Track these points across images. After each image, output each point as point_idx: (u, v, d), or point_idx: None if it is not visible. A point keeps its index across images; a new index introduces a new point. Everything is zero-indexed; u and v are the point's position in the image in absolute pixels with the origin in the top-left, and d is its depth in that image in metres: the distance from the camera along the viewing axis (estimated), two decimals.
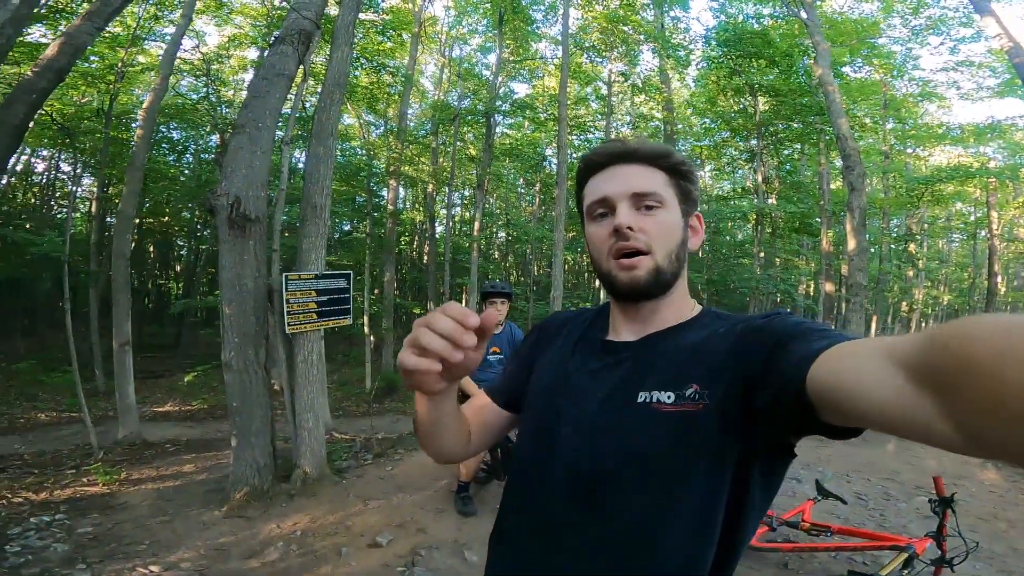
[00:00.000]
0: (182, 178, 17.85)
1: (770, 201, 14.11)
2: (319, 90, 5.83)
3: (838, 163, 11.41)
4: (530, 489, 0.84)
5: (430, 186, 15.20)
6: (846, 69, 13.08)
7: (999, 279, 17.21)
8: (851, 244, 9.08)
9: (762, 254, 15.23)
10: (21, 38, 9.55)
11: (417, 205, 20.35)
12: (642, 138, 0.91)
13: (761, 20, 12.70)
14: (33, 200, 18.69)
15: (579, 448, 0.79)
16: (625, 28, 12.38)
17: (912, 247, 16.53)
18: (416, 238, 22.44)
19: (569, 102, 12.00)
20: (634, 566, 0.73)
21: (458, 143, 13.78)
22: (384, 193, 15.19)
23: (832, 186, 13.69)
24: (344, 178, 14.10)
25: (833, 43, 11.60)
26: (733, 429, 0.71)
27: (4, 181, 15.88)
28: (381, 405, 10.30)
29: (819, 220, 13.32)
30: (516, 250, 22.34)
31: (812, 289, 19.61)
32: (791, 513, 3.53)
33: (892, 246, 15.58)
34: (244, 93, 14.10)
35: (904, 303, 19.05)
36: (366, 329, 12.53)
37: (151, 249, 22.18)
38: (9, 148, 5.24)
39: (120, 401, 6.66)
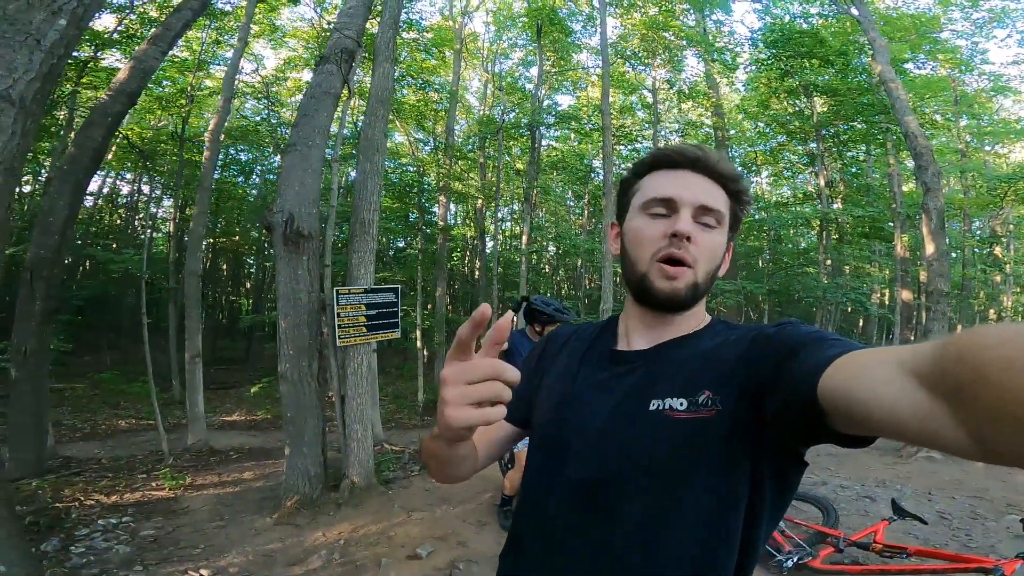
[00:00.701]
0: (249, 198, 19.00)
1: (835, 206, 13.37)
2: (365, 108, 6.08)
3: (909, 163, 10.69)
4: (539, 499, 0.84)
5: (479, 201, 15.39)
6: (908, 66, 12.32)
7: None
8: (929, 248, 8.43)
9: (828, 262, 14.42)
10: (97, 63, 10.54)
11: (468, 220, 20.67)
12: (722, 154, 0.90)
13: (809, 19, 12.20)
14: (118, 221, 20.33)
15: (588, 456, 0.79)
16: (666, 34, 12.16)
17: (998, 250, 15.17)
18: (467, 253, 22.78)
19: (613, 112, 11.89)
20: (642, 572, 0.73)
21: (505, 157, 13.90)
22: (435, 209, 15.53)
23: (905, 188, 12.81)
24: (396, 195, 14.53)
25: (890, 39, 10.97)
26: (745, 436, 0.71)
27: (91, 203, 17.47)
28: (432, 418, 10.43)
29: (891, 224, 12.49)
30: (566, 263, 22.21)
31: (888, 297, 18.34)
32: (862, 534, 3.27)
33: (976, 249, 14.37)
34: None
35: (991, 310, 17.48)
36: (419, 343, 12.77)
37: (224, 267, 23.63)
38: (89, 170, 5.75)
39: (190, 410, 7.08)
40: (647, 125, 14.64)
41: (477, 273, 18.61)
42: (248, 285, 25.63)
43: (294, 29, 13.70)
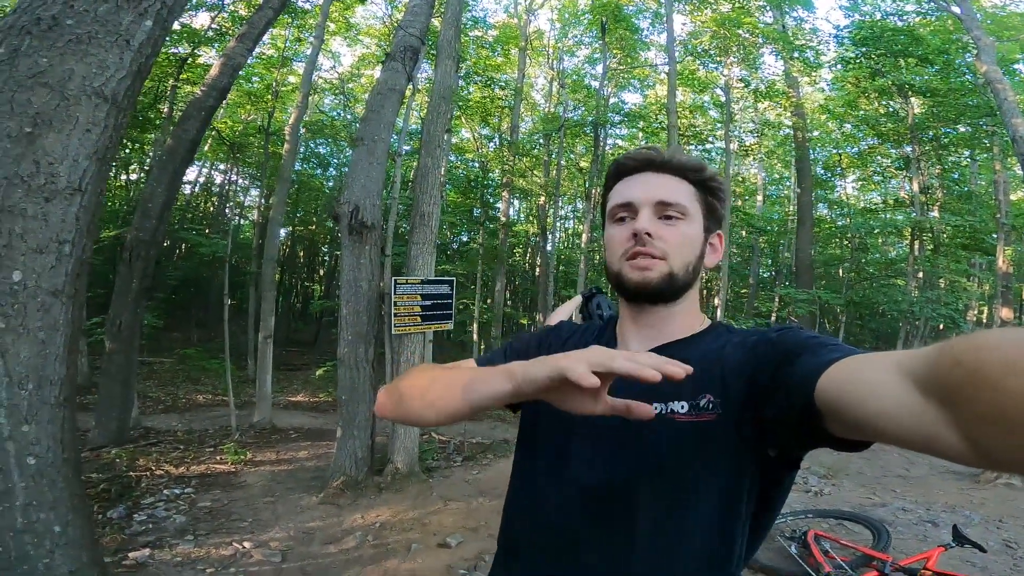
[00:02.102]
0: (326, 190, 20.01)
1: (932, 214, 12.26)
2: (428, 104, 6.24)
3: (1018, 170, 9.61)
4: (543, 502, 0.83)
5: (542, 198, 15.39)
6: (1019, 67, 11.09)
7: None
8: None
9: (920, 274, 13.27)
10: (195, 59, 11.40)
11: (531, 217, 20.72)
12: (678, 148, 0.90)
13: (904, 16, 11.19)
14: (211, 208, 22.00)
15: (594, 461, 0.79)
16: (740, 31, 11.56)
17: None
18: (529, 250, 22.84)
19: (684, 111, 11.48)
20: None
21: (569, 155, 13.80)
22: (499, 205, 15.68)
23: (1013, 196, 11.56)
24: (461, 190, 14.81)
25: (998, 38, 9.91)
26: (745, 440, 0.71)
27: (188, 191, 19.01)
28: (481, 412, 10.60)
29: (995, 235, 11.29)
30: None
31: (986, 315, 16.63)
32: (913, 559, 3.00)
33: None
34: None
35: None
36: (475, 336, 12.97)
37: (301, 254, 25.04)
38: (186, 160, 6.29)
39: (259, 389, 7.59)
40: (719, 125, 14.02)
41: (538, 270, 18.63)
42: (321, 272, 27.00)
43: (368, 27, 14.23)
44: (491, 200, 15.49)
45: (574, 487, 0.79)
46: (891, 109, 11.78)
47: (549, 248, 15.10)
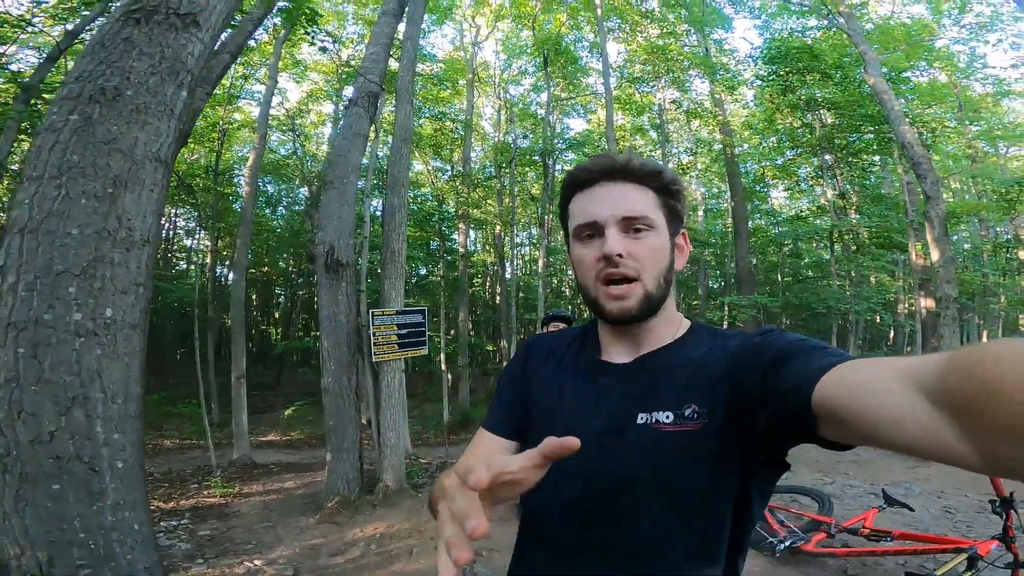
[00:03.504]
0: (278, 229, 19.89)
1: (852, 218, 13.44)
2: (390, 141, 6.66)
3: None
4: (542, 516, 0.83)
5: (497, 227, 15.88)
6: (909, 74, 12.48)
7: None
8: (935, 255, 8.61)
9: (852, 273, 14.43)
10: None
11: (487, 247, 21.20)
12: (632, 153, 0.86)
13: (807, 33, 12.42)
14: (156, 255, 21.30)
15: (583, 473, 0.78)
16: (668, 56, 12.61)
17: (1023, 254, 15.01)
18: (487, 279, 23.27)
19: (625, 133, 12.31)
20: None
21: (522, 182, 14.41)
22: (455, 236, 16.05)
23: (921, 197, 12.89)
24: (417, 224, 15.10)
25: (887, 49, 11.14)
26: (733, 446, 0.71)
27: None
28: (457, 436, 10.81)
29: (907, 234, 12.53)
30: None
31: (912, 306, 18.12)
32: (853, 520, 3.51)
33: (997, 254, 14.25)
34: (325, 147, 15.72)
35: (1022, 316, 17.12)
36: (443, 366, 13.21)
37: (253, 296, 24.56)
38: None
39: (235, 427, 7.63)
40: (657, 145, 15.04)
41: (498, 298, 19.05)
42: (276, 314, 26.50)
43: (315, 63, 14.40)
44: (447, 232, 15.89)
45: (566, 499, 0.79)
46: (806, 122, 12.99)
47: (508, 276, 15.53)
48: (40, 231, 2.03)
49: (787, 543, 3.39)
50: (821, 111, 11.77)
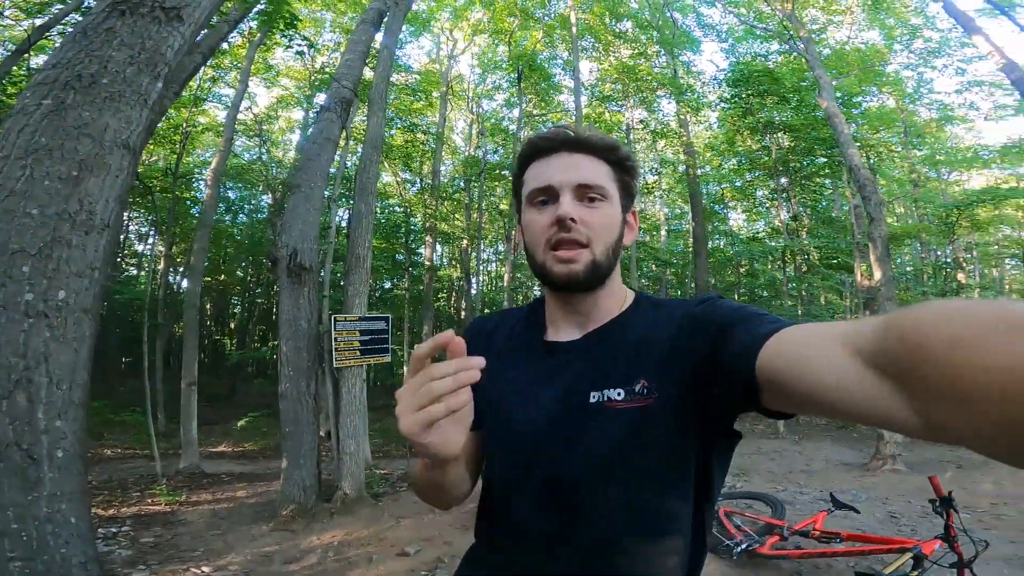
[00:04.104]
0: (237, 237, 19.32)
1: (805, 239, 14.04)
2: (359, 149, 6.63)
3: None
4: (506, 501, 0.82)
5: (465, 242, 15.88)
6: (860, 99, 13.18)
7: None
8: (877, 275, 9.07)
9: (804, 292, 14.99)
10: None
11: (454, 262, 21.17)
12: (592, 127, 0.87)
13: (769, 57, 13.01)
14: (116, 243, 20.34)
15: (544, 454, 0.77)
16: (638, 76, 13.00)
17: (962, 276, 15.99)
18: (453, 294, 23.16)
19: None
20: (611, 570, 0.72)
21: (491, 196, 14.49)
22: (422, 250, 15.93)
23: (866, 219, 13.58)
24: (384, 235, 14.89)
25: (841, 73, 11.73)
26: (686, 420, 0.71)
27: None
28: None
29: (852, 255, 13.18)
30: None
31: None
32: (804, 523, 3.64)
33: (937, 276, 15.14)
34: (292, 153, 15.44)
35: None
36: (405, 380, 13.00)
37: (208, 306, 23.65)
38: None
39: (184, 435, 7.30)
40: None
41: (463, 313, 18.96)
42: (232, 325, 25.59)
43: (287, 68, 14.20)
44: (414, 246, 15.75)
45: (532, 481, 0.78)
46: (765, 144, 13.56)
47: (474, 291, 15.48)
48: (0, 209, 1.98)
49: (743, 546, 3.48)
50: (778, 134, 12.29)
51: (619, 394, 0.74)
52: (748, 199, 16.95)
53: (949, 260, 15.95)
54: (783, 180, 13.85)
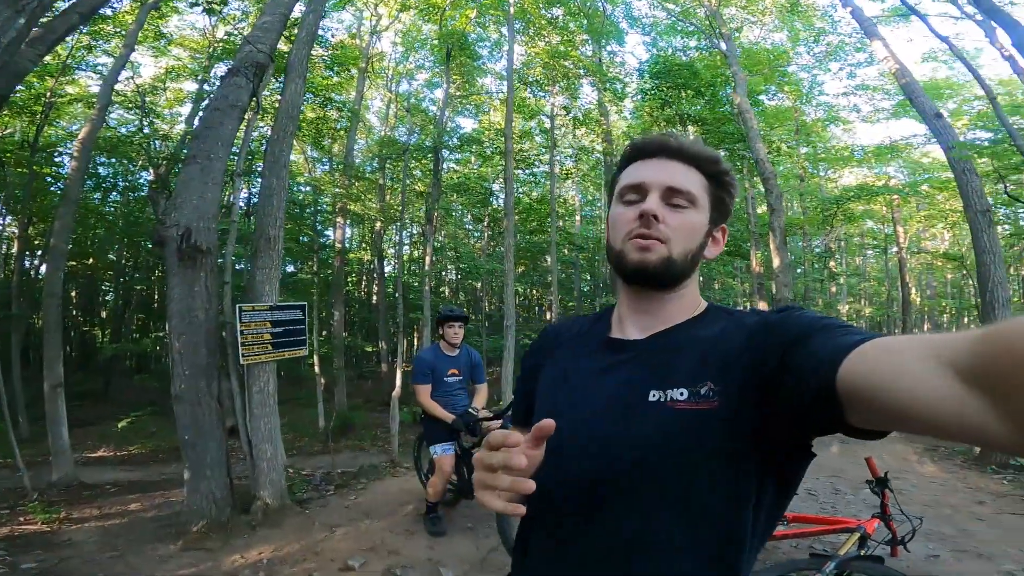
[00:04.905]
0: (109, 217, 17.06)
1: None
2: (268, 125, 5.94)
3: (761, 187, 12.39)
4: (547, 498, 0.78)
5: (378, 224, 15.24)
6: (762, 97, 14.19)
7: (912, 290, 18.74)
8: (776, 262, 9.86)
9: (701, 276, 16.01)
10: None
11: (364, 244, 20.26)
12: (696, 139, 0.90)
13: (688, 52, 13.64)
14: None
15: (588, 451, 0.77)
16: (566, 63, 13.06)
17: (832, 264, 17.89)
18: (364, 278, 22.18)
19: (514, 136, 12.52)
20: (644, 571, 0.71)
21: (406, 179, 13.94)
22: (330, 232, 15.03)
23: (760, 210, 14.75)
24: (289, 216, 13.94)
25: (750, 72, 12.60)
26: (748, 428, 0.69)
27: None
28: (337, 444, 10.02)
29: (749, 243, 14.26)
30: (466, 286, 22.49)
31: (749, 308, 20.66)
32: None
33: (816, 264, 16.84)
34: (181, 126, 13.82)
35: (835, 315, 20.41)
36: (316, 370, 12.22)
37: (74, 293, 20.78)
38: None
39: (53, 443, 6.29)
40: (544, 150, 15.49)
41: (376, 298, 18.20)
42: (104, 314, 22.70)
43: (182, 37, 12.72)
44: (321, 227, 14.79)
45: (571, 478, 0.78)
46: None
47: (388, 272, 14.87)
48: None
49: None
50: (691, 127, 12.91)
51: (682, 394, 0.73)
52: None
53: (822, 250, 17.84)
54: None
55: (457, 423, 3.94)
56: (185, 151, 7.06)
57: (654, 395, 0.75)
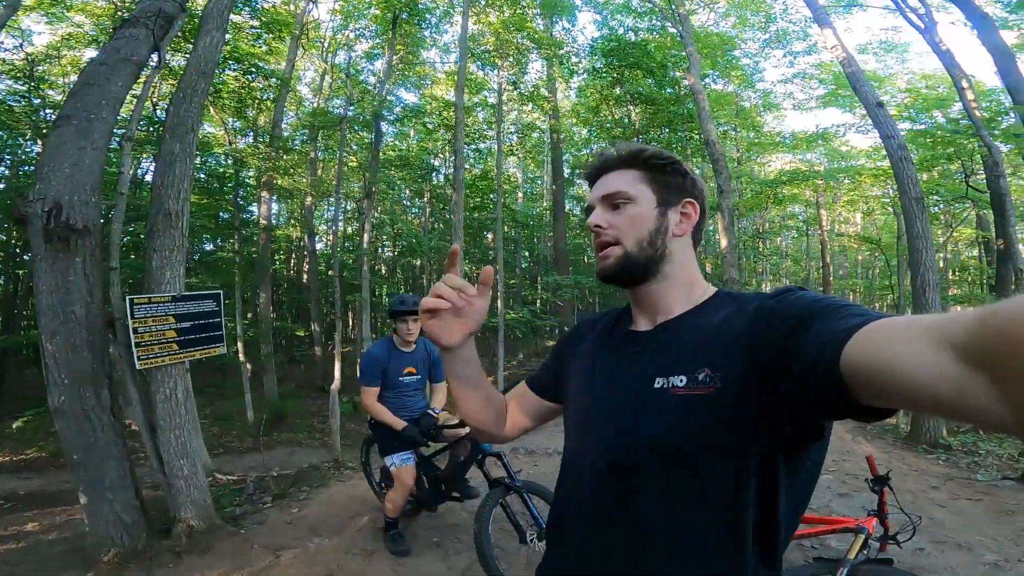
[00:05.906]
0: None
1: None
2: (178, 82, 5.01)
3: (709, 169, 12.56)
4: (576, 484, 0.88)
5: (308, 199, 14.16)
6: (707, 81, 14.49)
7: (829, 269, 19.99)
8: (723, 242, 9.97)
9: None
10: None
11: (293, 220, 18.92)
12: (623, 144, 0.95)
13: (638, 32, 13.62)
14: None
15: (608, 439, 0.83)
16: (518, 35, 12.58)
17: (760, 244, 18.68)
18: (293, 255, 20.89)
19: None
20: (662, 562, 0.74)
21: (343, 153, 13.02)
22: (254, 208, 13.89)
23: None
24: (207, 191, 12.69)
25: (702, 55, 12.76)
26: (749, 413, 0.70)
27: None
28: (270, 438, 9.27)
29: None
30: (404, 264, 21.66)
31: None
32: None
33: (749, 244, 17.52)
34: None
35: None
36: (241, 356, 11.27)
37: None
38: None
39: None
40: (488, 126, 14.94)
41: (306, 277, 17.12)
42: None
43: (83, 3, 11.07)
44: (243, 203, 13.56)
45: (592, 467, 0.83)
46: (621, 116, 14.12)
47: (318, 251, 13.96)
48: None
49: None
50: (640, 106, 12.82)
51: (681, 380, 0.76)
52: None
53: (755, 231, 18.60)
54: None
55: (410, 431, 3.44)
56: None
57: (658, 382, 0.78)
